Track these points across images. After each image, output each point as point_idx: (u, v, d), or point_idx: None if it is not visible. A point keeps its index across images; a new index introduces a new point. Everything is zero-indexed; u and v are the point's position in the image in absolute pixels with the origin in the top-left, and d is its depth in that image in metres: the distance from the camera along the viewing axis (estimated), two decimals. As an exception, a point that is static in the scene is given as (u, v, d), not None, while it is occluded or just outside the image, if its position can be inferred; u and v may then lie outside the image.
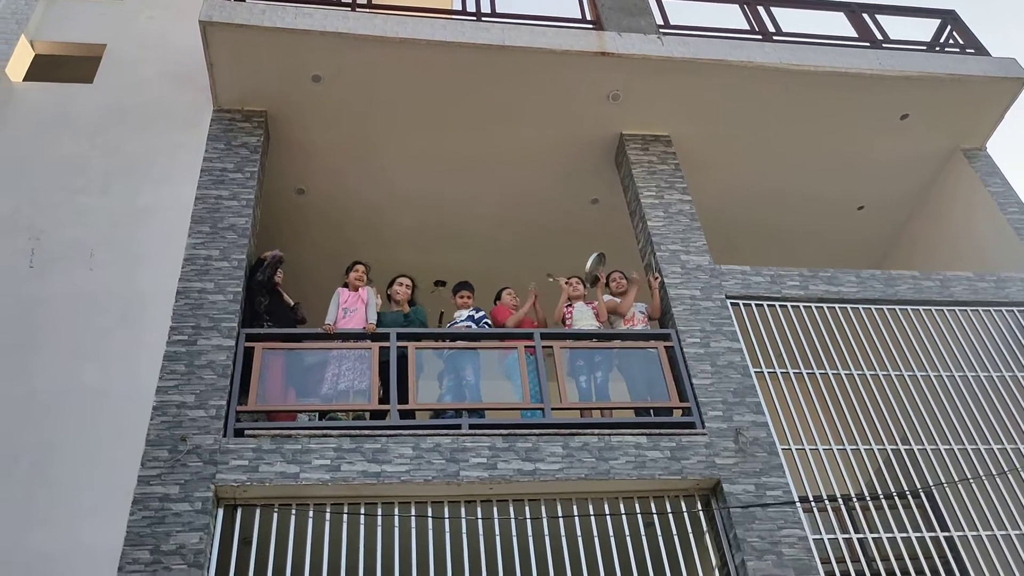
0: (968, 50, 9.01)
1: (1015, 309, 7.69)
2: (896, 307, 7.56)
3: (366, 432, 5.98)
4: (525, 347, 6.76)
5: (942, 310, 7.61)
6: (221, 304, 6.51)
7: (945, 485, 6.52)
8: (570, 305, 7.44)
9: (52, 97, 7.86)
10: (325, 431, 5.95)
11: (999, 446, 6.79)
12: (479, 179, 8.84)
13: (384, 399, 6.34)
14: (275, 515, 5.66)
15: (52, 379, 5.95)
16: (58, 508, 5.35)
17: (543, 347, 6.79)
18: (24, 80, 8.09)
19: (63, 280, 6.52)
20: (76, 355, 6.10)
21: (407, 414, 6.33)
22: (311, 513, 5.69)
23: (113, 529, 5.25)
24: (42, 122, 7.62)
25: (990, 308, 7.67)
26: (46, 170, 7.23)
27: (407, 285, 7.30)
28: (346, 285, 7.16)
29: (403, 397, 6.33)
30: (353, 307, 6.96)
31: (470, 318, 7.17)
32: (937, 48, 9.17)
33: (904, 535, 6.15)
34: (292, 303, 7.15)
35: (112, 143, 7.52)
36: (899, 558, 6.02)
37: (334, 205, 8.92)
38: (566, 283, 7.50)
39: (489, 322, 7.19)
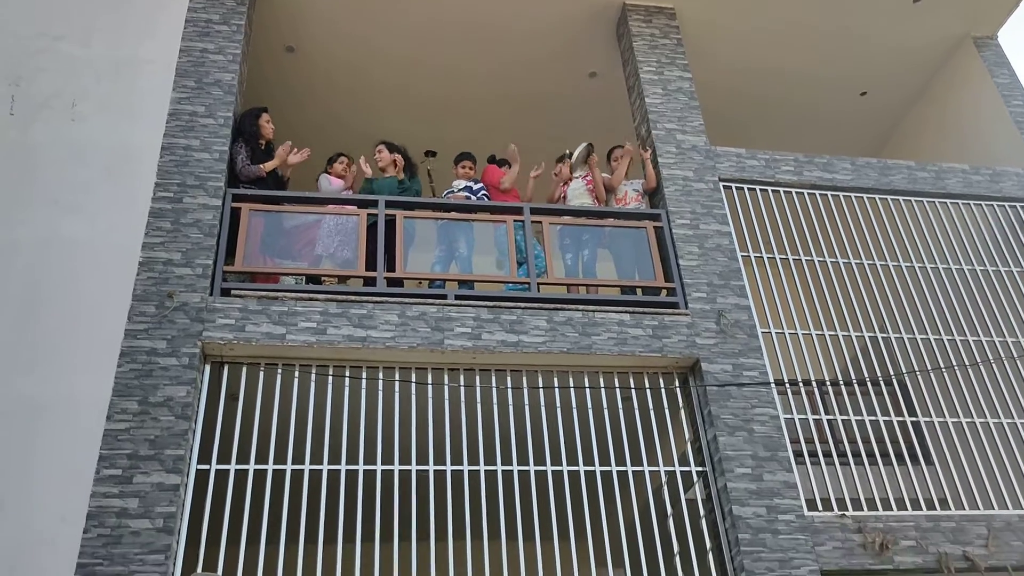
0: (991, -70, 8.61)
1: (1006, 204, 7.68)
2: (889, 197, 7.53)
3: (352, 297, 6.00)
4: (514, 221, 6.72)
5: (934, 202, 7.60)
6: (207, 162, 6.38)
7: (917, 373, 6.69)
8: (565, 184, 7.35)
9: (27, -66, 7.42)
10: (312, 295, 5.98)
11: (975, 338, 6.92)
12: (474, 45, 8.50)
13: (372, 267, 6.34)
14: (261, 373, 5.75)
15: (35, 229, 5.87)
16: (45, 356, 5.40)
17: (532, 222, 6.76)
18: (-3, -86, 7.61)
19: (45, 130, 6.34)
20: (60, 206, 6.00)
21: (395, 282, 6.36)
22: (296, 373, 5.78)
23: (100, 380, 5.32)
24: (17, -39, 7.23)
25: (982, 202, 7.65)
26: (24, 13, 6.90)
27: (380, 150, 7.13)
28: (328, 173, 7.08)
29: (391, 265, 6.33)
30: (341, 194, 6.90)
31: (468, 188, 7.06)
32: (960, -73, 8.75)
33: (872, 418, 6.35)
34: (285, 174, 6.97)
35: (92, -13, 7.17)
36: (866, 440, 6.23)
37: (324, 67, 8.62)
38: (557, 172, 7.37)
39: (487, 195, 7.09)
